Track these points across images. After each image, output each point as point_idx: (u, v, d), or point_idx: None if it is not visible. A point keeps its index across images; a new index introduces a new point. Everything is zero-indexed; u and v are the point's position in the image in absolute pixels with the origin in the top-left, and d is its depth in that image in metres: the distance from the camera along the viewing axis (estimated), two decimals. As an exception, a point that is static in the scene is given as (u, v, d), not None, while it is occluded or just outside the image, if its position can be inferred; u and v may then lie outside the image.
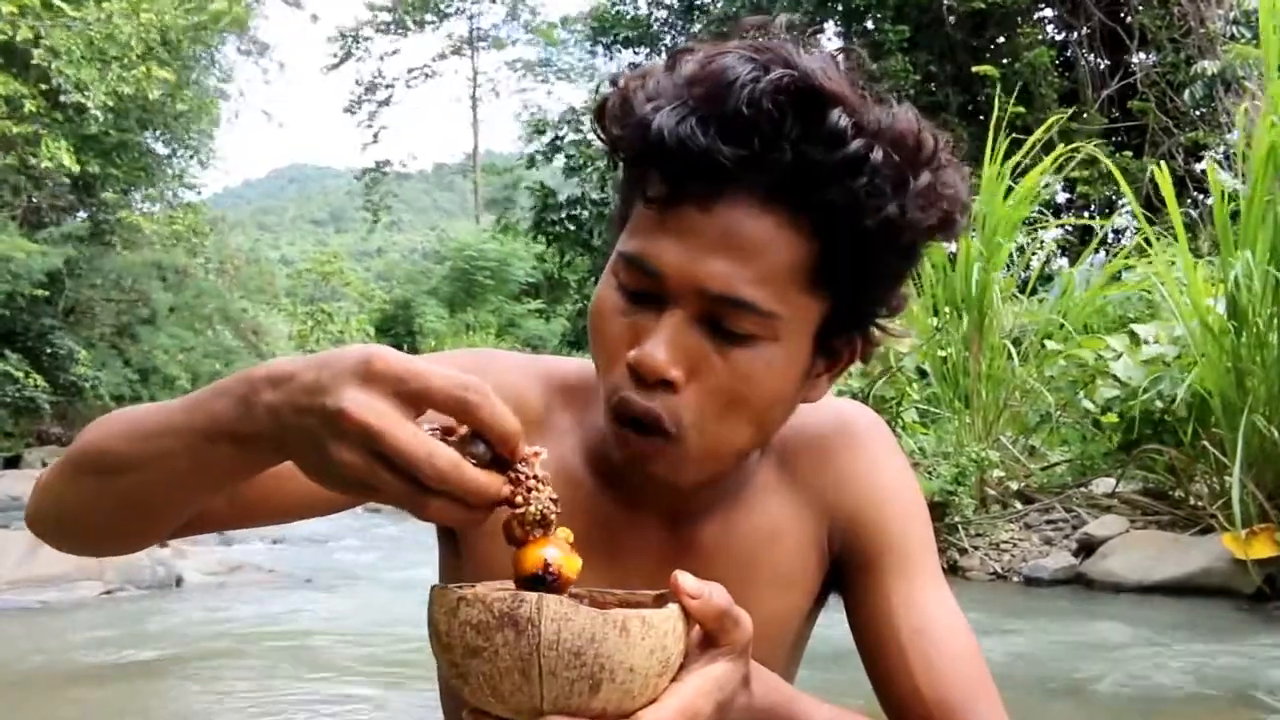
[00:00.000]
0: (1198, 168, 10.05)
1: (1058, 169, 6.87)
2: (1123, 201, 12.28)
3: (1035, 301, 6.95)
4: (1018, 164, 6.09)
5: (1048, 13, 14.44)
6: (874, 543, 0.92)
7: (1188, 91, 11.41)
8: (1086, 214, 12.23)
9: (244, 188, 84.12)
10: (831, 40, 14.21)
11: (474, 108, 32.51)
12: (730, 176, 0.76)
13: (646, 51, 16.83)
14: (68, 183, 15.62)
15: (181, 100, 16.68)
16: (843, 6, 14.35)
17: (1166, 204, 5.19)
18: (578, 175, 16.62)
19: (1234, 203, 5.03)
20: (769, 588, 0.91)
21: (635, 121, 0.79)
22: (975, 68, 12.63)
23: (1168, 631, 3.91)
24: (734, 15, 13.70)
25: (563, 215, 16.73)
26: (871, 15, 14.28)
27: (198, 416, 0.68)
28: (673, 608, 0.65)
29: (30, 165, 14.27)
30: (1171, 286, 5.11)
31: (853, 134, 0.75)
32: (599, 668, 0.61)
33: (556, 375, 0.95)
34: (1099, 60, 13.61)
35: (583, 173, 16.32)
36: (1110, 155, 6.96)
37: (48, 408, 14.92)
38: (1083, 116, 12.25)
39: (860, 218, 0.76)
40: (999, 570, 5.15)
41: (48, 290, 14.84)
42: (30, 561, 4.89)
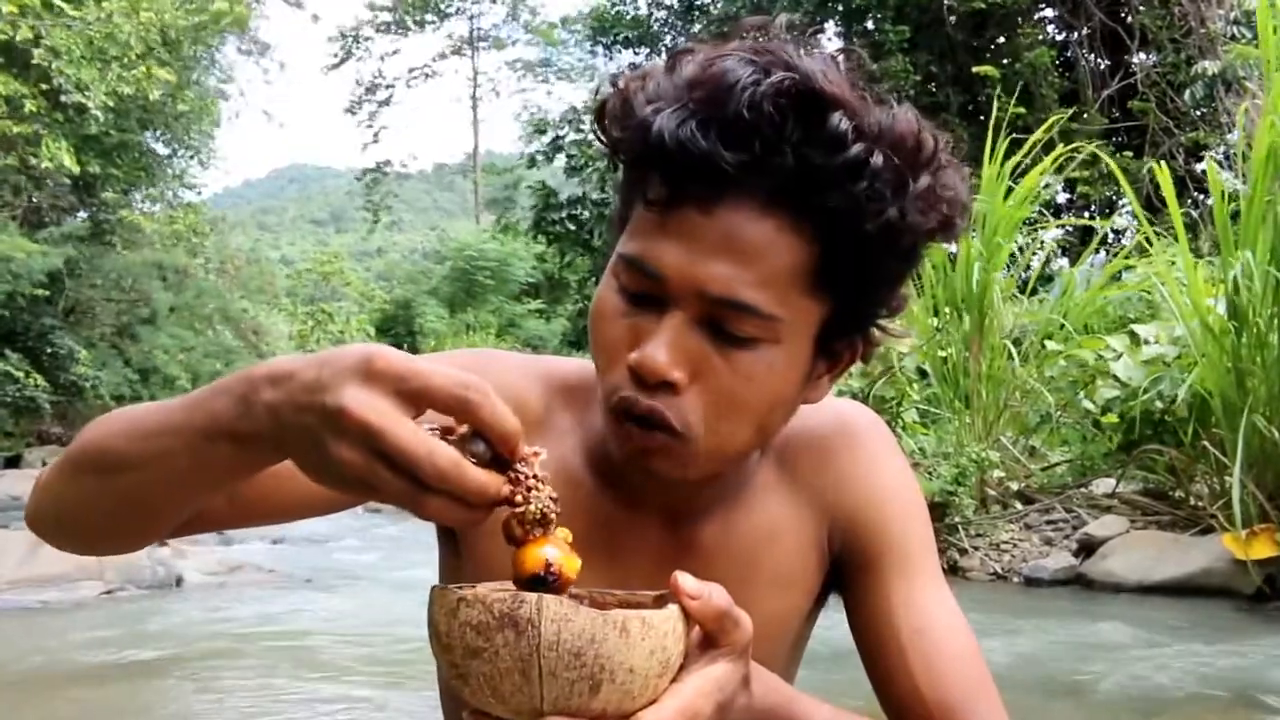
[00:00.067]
0: (1198, 168, 10.03)
1: (1058, 169, 6.87)
2: (1123, 202, 12.29)
3: (1035, 302, 6.94)
4: (1018, 164, 6.09)
5: (1048, 13, 14.44)
6: (874, 543, 0.92)
7: (1188, 92, 11.40)
8: (1087, 214, 12.23)
9: (244, 188, 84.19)
10: (832, 40, 14.21)
11: (474, 108, 32.51)
12: (731, 180, 0.76)
13: (646, 52, 16.83)
14: (68, 183, 15.62)
15: (182, 100, 16.69)
16: (843, 7, 14.35)
17: (1167, 204, 5.19)
18: (579, 175, 16.61)
19: (1234, 203, 5.03)
20: (769, 588, 0.91)
21: (636, 124, 0.79)
22: (975, 68, 12.64)
23: (1168, 632, 3.90)
24: (734, 15, 13.70)
25: (563, 215, 16.73)
26: (872, 15, 14.28)
27: (197, 415, 0.68)
28: (673, 608, 0.65)
29: (31, 165, 14.27)
30: (1172, 287, 5.11)
31: (853, 138, 0.75)
32: (599, 668, 0.61)
33: (556, 375, 0.95)
34: (1099, 60, 13.60)
35: (583, 173, 16.31)
36: (1111, 155, 6.96)
37: (48, 407, 14.93)
38: (1083, 117, 12.25)
39: (861, 221, 0.76)
40: (999, 570, 5.14)
41: (48, 290, 14.85)
42: (31, 561, 4.88)
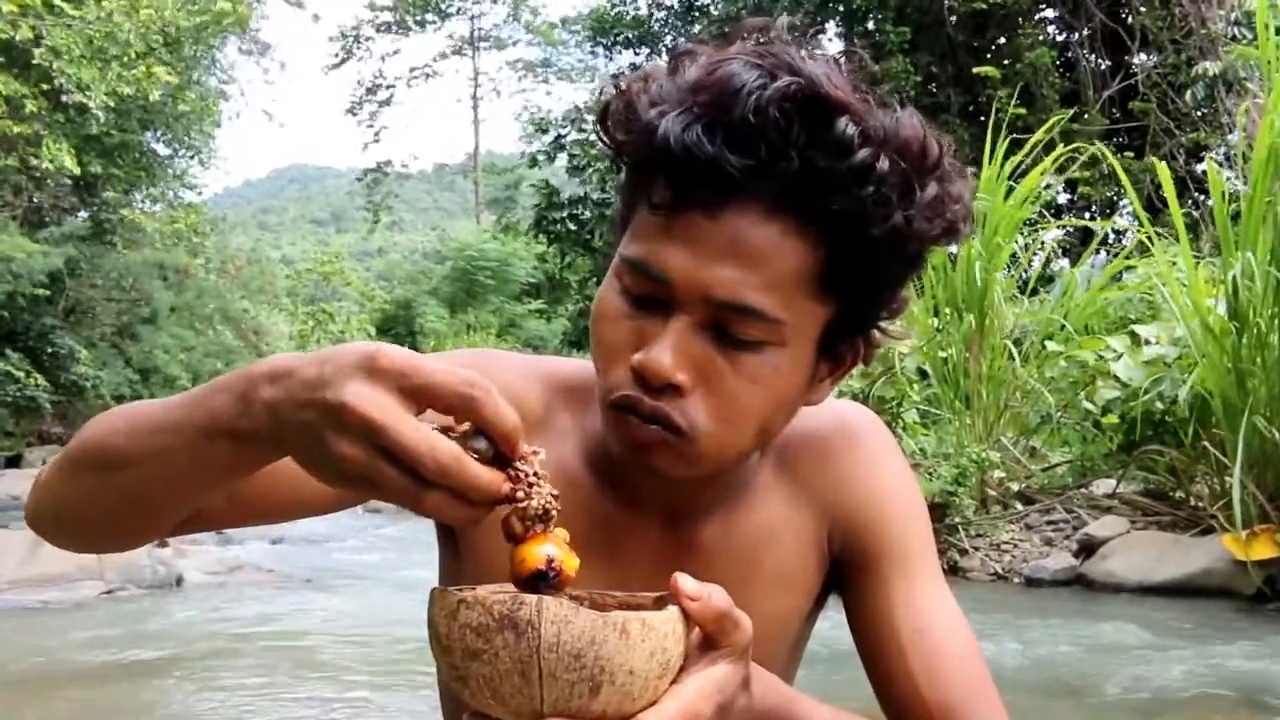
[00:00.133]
0: (1199, 168, 10.04)
1: (1059, 170, 6.87)
2: (1123, 202, 12.30)
3: (1036, 302, 6.95)
4: (1019, 165, 6.09)
5: (1049, 14, 14.42)
6: (874, 543, 0.92)
7: (1189, 92, 11.39)
8: (1087, 215, 12.23)
9: (245, 188, 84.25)
10: (832, 41, 14.21)
11: (475, 108, 32.52)
12: (737, 184, 0.76)
13: (647, 52, 16.82)
14: (69, 183, 15.63)
15: (183, 100, 16.70)
16: (844, 8, 14.34)
17: (1168, 204, 5.19)
18: (580, 175, 16.60)
19: (1235, 203, 5.03)
20: (769, 588, 0.91)
21: (641, 127, 0.79)
22: (976, 69, 12.64)
23: (1168, 632, 3.90)
24: (735, 16, 13.71)
25: (564, 215, 16.71)
26: (872, 16, 14.27)
27: (197, 413, 0.68)
28: (673, 610, 0.65)
29: (31, 165, 14.28)
30: (1172, 287, 5.11)
31: (859, 142, 0.75)
32: (599, 670, 0.61)
33: (557, 376, 0.95)
34: (1100, 61, 13.59)
35: (585, 173, 16.30)
36: (1112, 156, 6.96)
37: (48, 407, 14.95)
38: (1084, 117, 12.24)
39: (867, 226, 0.76)
40: (999, 571, 5.14)
41: (49, 290, 14.86)
42: (31, 561, 4.88)
